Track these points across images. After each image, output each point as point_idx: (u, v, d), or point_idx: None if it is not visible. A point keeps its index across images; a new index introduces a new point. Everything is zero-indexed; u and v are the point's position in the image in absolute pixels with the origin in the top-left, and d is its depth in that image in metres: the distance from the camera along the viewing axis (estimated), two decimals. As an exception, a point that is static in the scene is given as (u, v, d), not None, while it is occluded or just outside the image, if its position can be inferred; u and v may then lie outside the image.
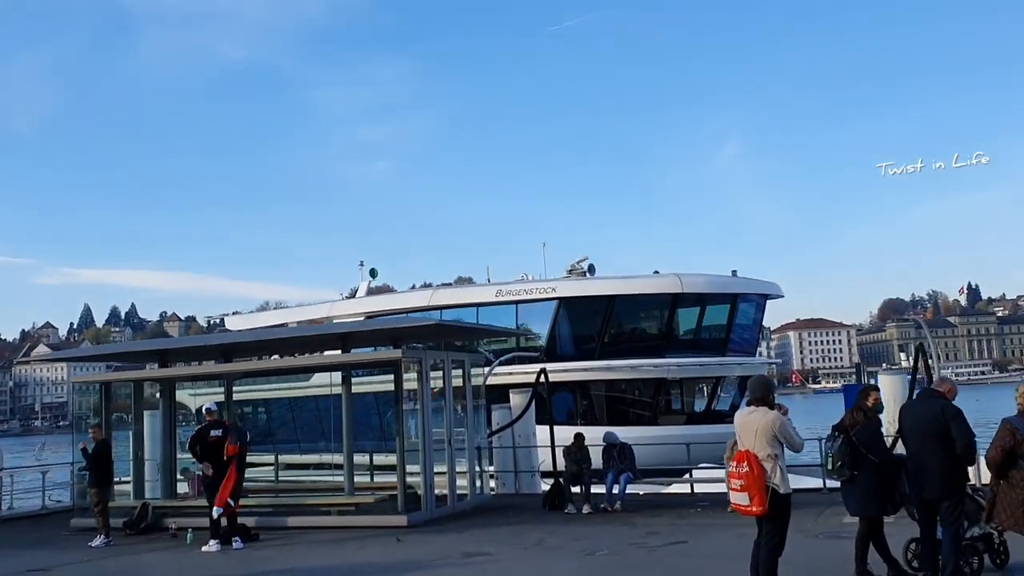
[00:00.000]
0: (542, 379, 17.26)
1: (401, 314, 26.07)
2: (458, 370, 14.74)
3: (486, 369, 19.37)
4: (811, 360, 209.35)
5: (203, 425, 11.82)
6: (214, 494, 11.35)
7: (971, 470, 7.56)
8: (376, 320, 22.89)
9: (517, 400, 18.13)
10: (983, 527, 7.47)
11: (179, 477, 15.45)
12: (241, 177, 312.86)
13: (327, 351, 16.14)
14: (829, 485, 13.49)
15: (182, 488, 15.28)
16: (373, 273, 32.71)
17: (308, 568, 9.66)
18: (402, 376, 13.52)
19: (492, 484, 16.88)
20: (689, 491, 15.96)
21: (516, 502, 15.19)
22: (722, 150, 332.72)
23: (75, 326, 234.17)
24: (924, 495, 7.06)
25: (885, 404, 10.23)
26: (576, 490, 13.69)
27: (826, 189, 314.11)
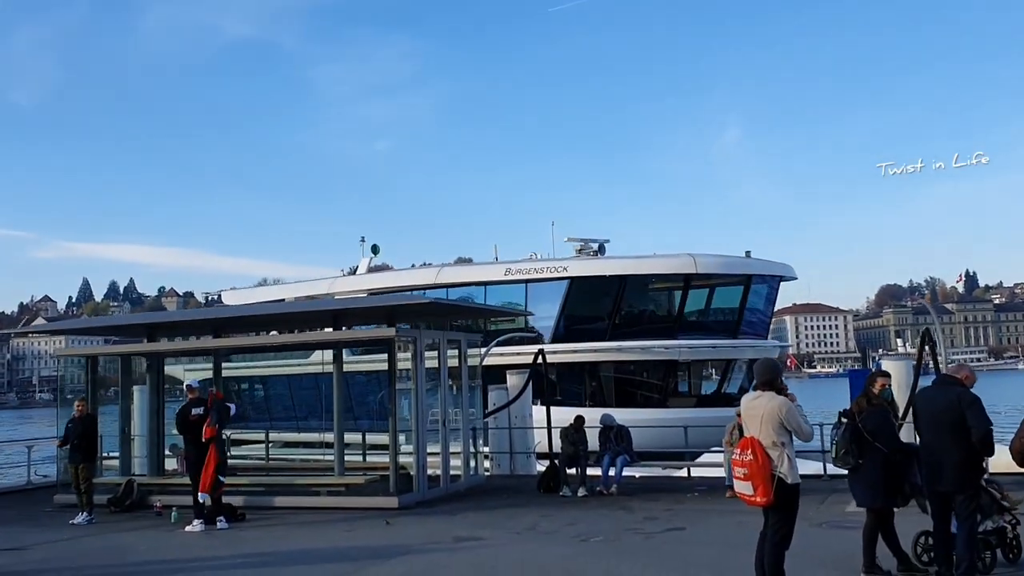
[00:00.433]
0: (540, 360, 16.91)
1: (405, 292, 25.49)
2: (454, 350, 14.44)
3: (483, 349, 19.05)
4: (807, 345, 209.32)
5: (185, 403, 11.60)
6: (196, 473, 11.21)
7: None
8: (368, 297, 22.30)
9: (514, 381, 17.85)
10: (996, 520, 7.16)
11: (167, 453, 15.18)
12: (241, 154, 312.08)
13: (324, 328, 15.74)
14: (830, 471, 13.20)
15: (171, 464, 15.01)
16: (375, 249, 31.43)
17: (291, 551, 9.34)
18: (396, 355, 13.21)
19: (487, 465, 16.64)
20: (686, 475, 15.76)
21: (511, 484, 14.98)
22: (723, 135, 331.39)
23: (74, 300, 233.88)
24: (938, 488, 6.70)
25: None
26: (572, 472, 13.44)
27: (825, 175, 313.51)
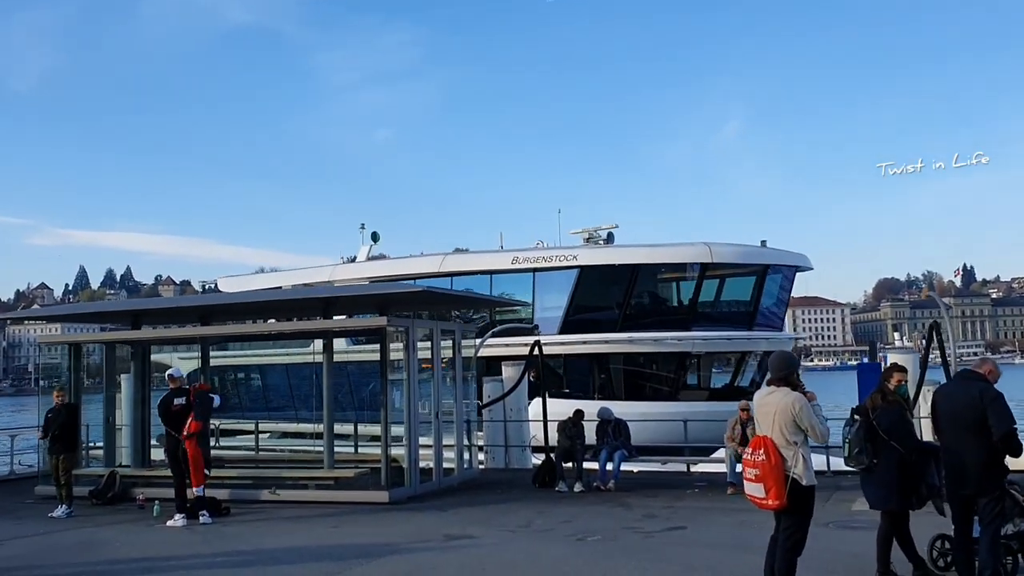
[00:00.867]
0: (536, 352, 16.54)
1: (407, 280, 24.86)
2: (448, 340, 14.04)
3: (477, 340, 18.65)
4: (804, 338, 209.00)
5: (167, 392, 11.26)
6: (176, 463, 10.94)
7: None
8: (358, 286, 21.75)
9: (510, 373, 17.49)
10: (1018, 524, 6.75)
11: (154, 443, 14.77)
12: (240, 141, 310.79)
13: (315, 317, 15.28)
14: (834, 467, 12.83)
15: (158, 455, 14.58)
16: (375, 237, 30.38)
17: (273, 549, 8.92)
18: (388, 345, 12.79)
19: (481, 458, 16.26)
20: (685, 470, 15.40)
21: (505, 478, 14.60)
22: (724, 127, 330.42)
23: (70, 287, 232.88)
24: (961, 491, 6.27)
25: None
26: (568, 467, 13.06)
27: (824, 168, 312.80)
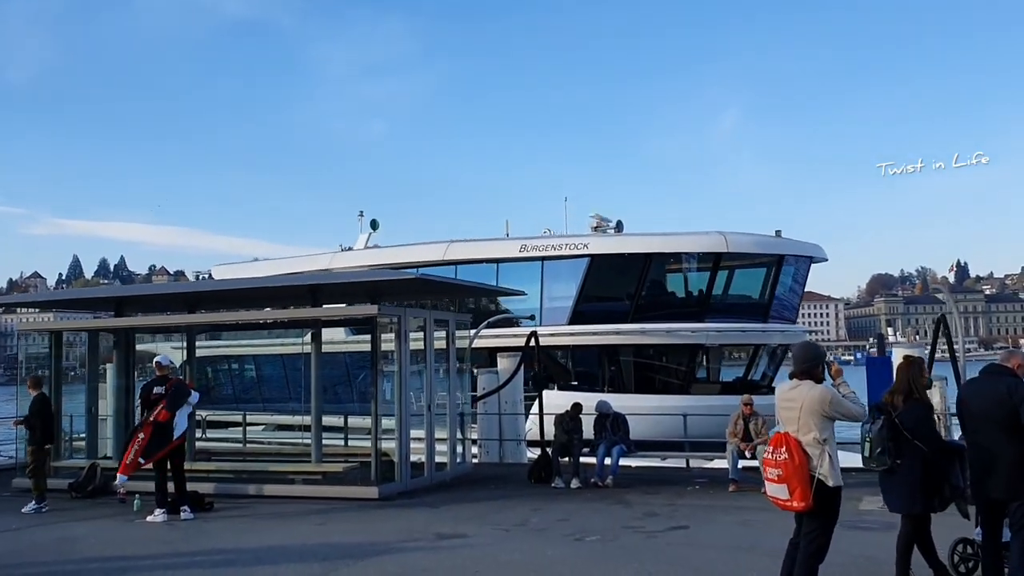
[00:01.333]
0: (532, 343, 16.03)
1: (409, 268, 24.26)
2: (442, 331, 13.58)
3: (471, 331, 18.17)
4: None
5: (150, 380, 10.76)
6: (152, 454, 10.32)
7: None
8: (346, 273, 21.16)
9: (505, 364, 17.03)
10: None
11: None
12: (237, 132, 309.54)
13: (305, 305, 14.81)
14: (841, 464, 12.38)
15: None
16: (374, 225, 29.56)
17: (256, 548, 8.46)
18: (379, 335, 12.33)
19: (475, 451, 15.83)
20: (685, 466, 15.03)
21: (499, 472, 14.18)
22: (720, 119, 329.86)
23: (64, 277, 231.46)
24: (989, 494, 5.83)
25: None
26: (565, 462, 12.64)
27: (819, 163, 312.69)
